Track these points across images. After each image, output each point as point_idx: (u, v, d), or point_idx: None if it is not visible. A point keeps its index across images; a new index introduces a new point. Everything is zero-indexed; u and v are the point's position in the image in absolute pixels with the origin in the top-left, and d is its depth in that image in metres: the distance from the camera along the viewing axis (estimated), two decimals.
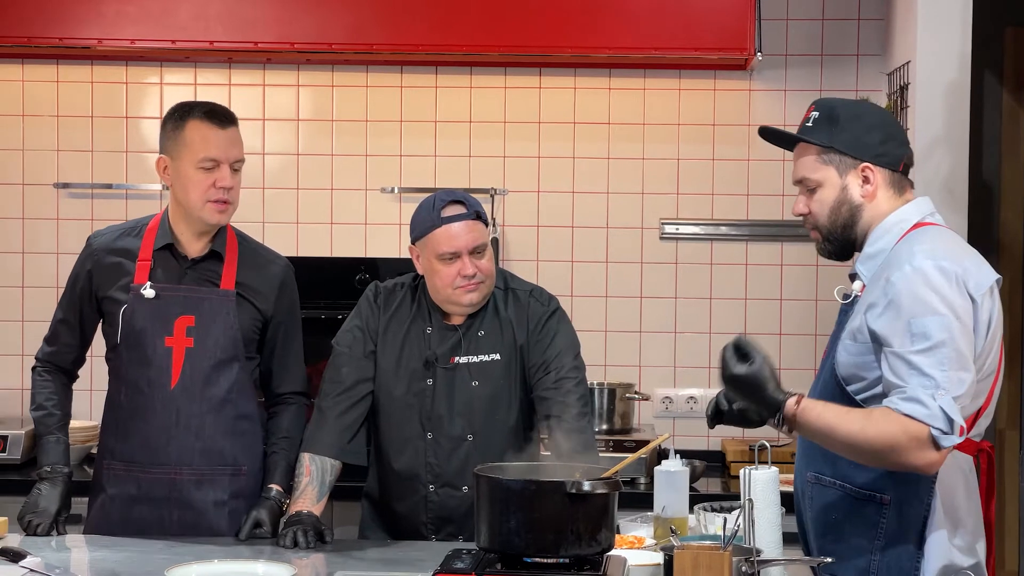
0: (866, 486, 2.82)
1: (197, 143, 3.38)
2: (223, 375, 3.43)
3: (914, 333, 2.69)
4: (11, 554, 3.08)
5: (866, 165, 2.86)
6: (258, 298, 3.50)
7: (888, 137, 2.90)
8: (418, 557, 3.18)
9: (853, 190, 2.87)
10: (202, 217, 3.41)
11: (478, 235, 3.42)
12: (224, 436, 3.45)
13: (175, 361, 3.40)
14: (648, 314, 4.83)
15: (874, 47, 4.71)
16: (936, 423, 2.63)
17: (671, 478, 3.16)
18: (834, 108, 2.91)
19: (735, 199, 4.79)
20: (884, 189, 2.88)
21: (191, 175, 3.38)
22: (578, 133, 4.81)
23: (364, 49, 4.54)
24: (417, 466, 3.48)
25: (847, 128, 2.87)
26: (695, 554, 2.59)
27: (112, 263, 3.46)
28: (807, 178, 2.91)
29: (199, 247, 3.46)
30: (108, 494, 3.45)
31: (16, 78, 4.85)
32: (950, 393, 2.65)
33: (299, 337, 3.60)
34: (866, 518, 2.82)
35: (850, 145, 2.87)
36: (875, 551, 2.81)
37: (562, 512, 2.66)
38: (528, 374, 3.48)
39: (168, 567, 2.96)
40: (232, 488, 3.46)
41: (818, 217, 2.91)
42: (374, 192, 4.84)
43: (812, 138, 2.89)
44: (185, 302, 3.43)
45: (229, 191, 3.41)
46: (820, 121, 2.90)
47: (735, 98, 4.77)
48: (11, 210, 4.87)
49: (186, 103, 3.48)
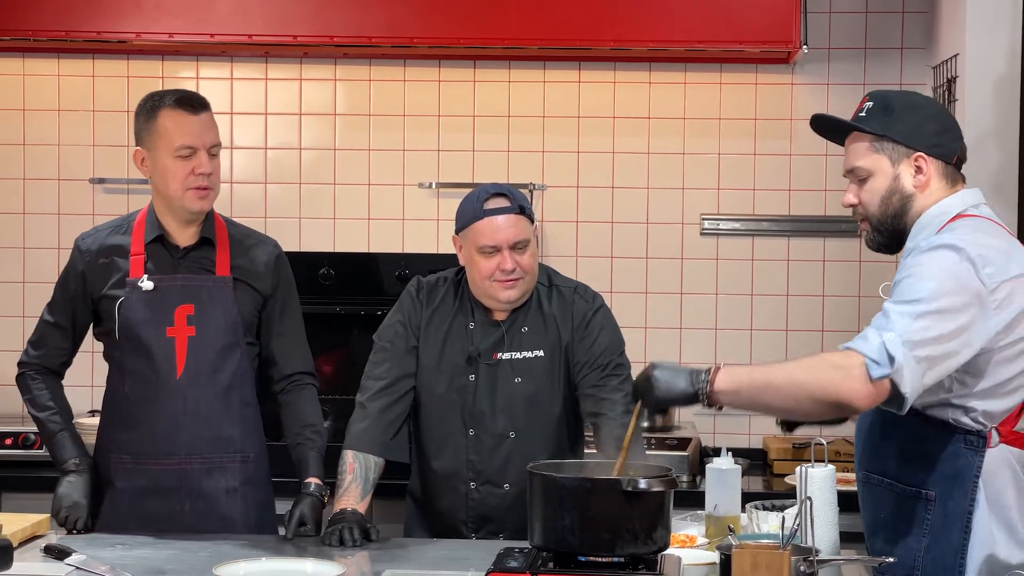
0: (912, 483, 2.78)
1: (171, 132, 3.35)
2: (227, 361, 3.42)
3: (902, 290, 2.66)
4: (56, 552, 3.05)
5: (919, 155, 2.81)
6: (254, 279, 3.48)
7: (944, 129, 2.85)
8: (465, 556, 3.14)
9: (905, 179, 2.82)
10: (184, 205, 3.38)
11: (520, 230, 3.37)
12: (232, 423, 3.43)
13: (179, 350, 3.38)
14: (688, 310, 4.78)
15: (918, 40, 4.65)
16: (871, 353, 2.58)
17: (723, 476, 3.12)
18: (889, 98, 2.86)
19: (777, 194, 4.74)
20: (936, 180, 2.83)
21: (168, 164, 3.35)
22: (618, 128, 4.76)
23: (403, 42, 4.50)
24: (458, 463, 3.44)
25: (902, 118, 2.82)
26: (754, 554, 2.55)
27: (104, 262, 3.44)
28: (858, 167, 2.85)
29: (189, 236, 3.44)
30: (117, 488, 3.42)
31: (52, 73, 4.83)
32: (903, 337, 2.59)
33: (299, 317, 3.57)
34: (913, 515, 2.78)
35: (904, 134, 2.82)
36: (921, 548, 2.78)
37: (618, 510, 2.62)
38: (572, 371, 3.44)
39: (214, 565, 2.93)
40: (242, 475, 3.44)
41: (868, 207, 2.85)
42: (411, 187, 4.80)
43: (867, 126, 2.84)
44: (183, 291, 3.41)
45: (208, 176, 3.38)
46: (874, 111, 2.84)
47: (777, 92, 4.72)
48: (47, 205, 4.86)
49: (156, 92, 3.45)
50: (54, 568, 2.99)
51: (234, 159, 4.81)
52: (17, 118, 4.85)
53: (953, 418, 2.74)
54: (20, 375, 3.53)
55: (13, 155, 4.85)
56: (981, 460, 2.74)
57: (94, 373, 4.34)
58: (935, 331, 2.61)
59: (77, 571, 2.96)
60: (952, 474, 2.74)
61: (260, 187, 4.84)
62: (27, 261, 4.86)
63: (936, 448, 2.76)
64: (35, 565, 3.01)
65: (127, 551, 3.15)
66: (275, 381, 3.54)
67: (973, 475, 2.74)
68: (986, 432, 2.74)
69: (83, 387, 4.32)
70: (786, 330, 4.72)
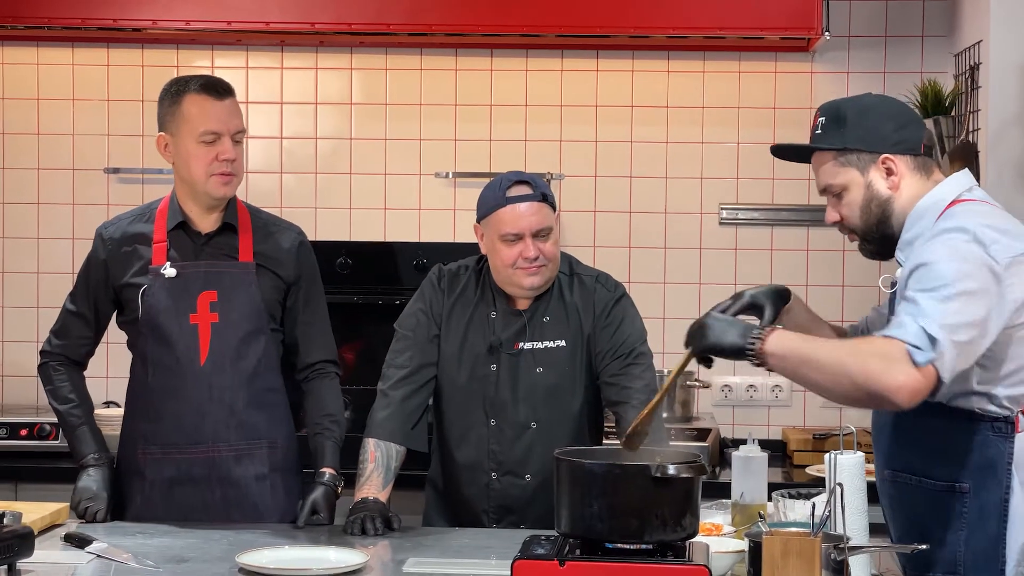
0: (943, 477, 2.74)
1: (196, 117, 3.33)
2: (251, 348, 3.39)
3: (921, 277, 2.62)
4: (77, 540, 3.03)
5: (885, 156, 2.77)
6: (278, 266, 3.45)
7: (902, 123, 2.80)
8: (487, 544, 3.12)
9: (879, 185, 2.77)
10: (207, 191, 3.35)
11: (543, 217, 3.35)
12: (258, 410, 3.41)
13: (202, 337, 3.36)
14: (707, 300, 4.71)
15: (940, 28, 4.62)
16: (911, 339, 2.53)
17: (749, 464, 3.09)
18: (839, 109, 2.82)
19: (796, 184, 4.71)
20: (909, 176, 2.78)
21: (192, 150, 3.33)
22: (636, 117, 4.74)
23: (420, 30, 4.47)
24: (480, 454, 3.42)
25: (857, 124, 2.77)
26: (785, 541, 2.51)
27: (127, 250, 3.42)
28: (831, 184, 2.82)
29: (211, 222, 3.42)
30: (148, 480, 3.41)
31: (67, 62, 4.80)
32: (937, 321, 2.54)
33: (323, 305, 3.54)
34: (949, 510, 2.74)
35: (864, 140, 2.77)
36: (960, 542, 2.73)
37: (647, 496, 2.58)
38: (595, 361, 3.41)
39: (236, 553, 2.90)
40: (271, 462, 3.42)
41: (850, 220, 2.82)
42: (428, 177, 4.78)
43: (824, 144, 2.80)
44: (206, 278, 3.39)
45: (232, 163, 3.36)
46: (828, 125, 2.81)
47: (796, 81, 4.69)
48: (61, 195, 4.83)
49: (181, 78, 3.42)
50: (75, 556, 2.97)
51: (249, 149, 4.78)
52: (32, 107, 4.82)
53: (979, 407, 2.71)
54: (42, 364, 3.50)
55: (27, 145, 4.83)
56: (1011, 446, 2.70)
57: (109, 364, 4.33)
58: (968, 314, 2.57)
59: (98, 559, 2.95)
60: (984, 464, 2.70)
61: (276, 177, 4.82)
62: (41, 251, 4.84)
63: (964, 440, 2.72)
64: (56, 553, 3.00)
65: (148, 539, 3.13)
66: (298, 370, 3.52)
67: (1006, 462, 2.70)
68: (1013, 417, 2.70)
69: (99, 378, 4.28)
70: None
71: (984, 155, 4.01)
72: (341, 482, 3.38)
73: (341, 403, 3.51)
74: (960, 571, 2.73)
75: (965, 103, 4.22)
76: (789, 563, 2.49)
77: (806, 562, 2.50)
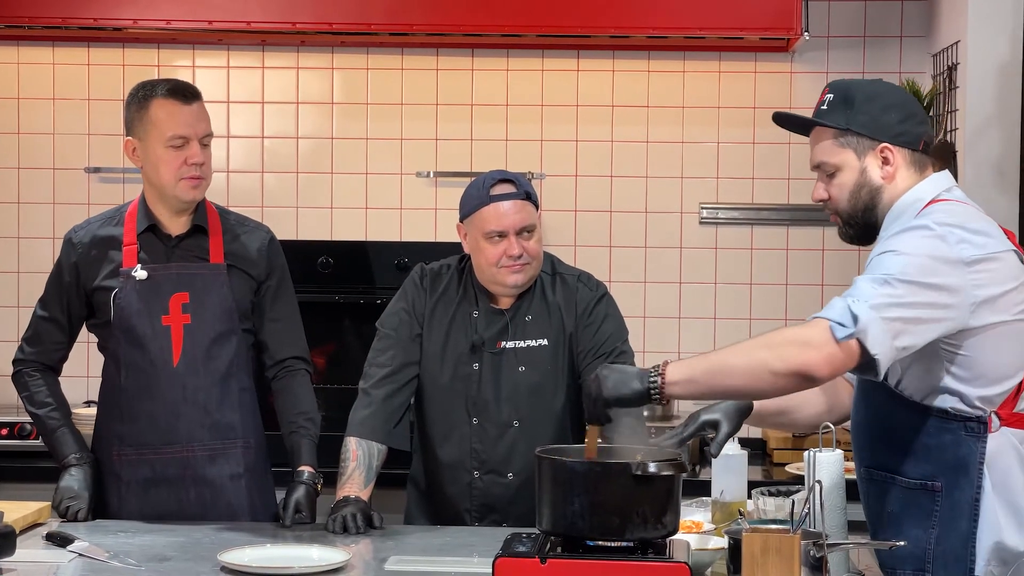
0: (917, 476, 2.75)
1: (164, 121, 3.34)
2: (223, 348, 3.41)
3: (872, 267, 2.64)
4: (58, 539, 3.03)
5: (885, 146, 2.77)
6: (248, 265, 3.46)
7: (907, 116, 2.80)
8: (469, 542, 3.13)
9: (873, 172, 2.78)
10: (176, 195, 3.37)
11: (526, 215, 3.36)
12: (231, 410, 3.42)
13: (175, 338, 3.37)
14: (687, 300, 4.77)
15: (918, 28, 4.65)
16: (835, 316, 2.56)
17: (729, 462, 3.11)
18: (849, 89, 2.81)
19: (776, 183, 4.73)
20: (904, 169, 2.79)
21: (160, 154, 3.34)
22: (616, 116, 4.75)
23: (401, 29, 4.48)
24: (462, 453, 3.43)
25: (864, 109, 2.77)
26: (764, 538, 2.52)
27: (97, 254, 3.42)
28: (825, 162, 2.82)
29: (181, 224, 3.43)
30: (123, 481, 3.41)
31: (47, 61, 4.79)
32: (867, 300, 2.56)
33: (293, 302, 3.55)
34: (921, 508, 2.75)
35: (868, 126, 2.77)
36: (930, 539, 2.75)
37: (628, 494, 2.59)
38: (577, 360, 3.42)
39: (218, 551, 2.91)
40: (245, 461, 3.43)
41: (838, 202, 2.82)
42: (409, 176, 4.78)
43: (828, 121, 2.80)
44: (177, 279, 3.40)
45: (201, 166, 3.37)
46: (835, 103, 2.80)
47: (776, 81, 4.71)
48: (42, 195, 4.83)
49: (148, 82, 3.43)
50: (56, 555, 2.97)
51: (231, 148, 4.78)
52: (12, 107, 4.81)
53: (951, 407, 2.72)
54: (16, 373, 3.50)
55: (8, 144, 4.82)
56: (984, 446, 2.72)
57: (89, 364, 4.31)
58: (907, 297, 2.59)
59: (79, 558, 2.95)
60: (956, 463, 2.72)
61: (257, 176, 4.82)
62: (22, 251, 4.83)
63: (937, 439, 2.74)
64: (37, 552, 3.00)
65: (129, 538, 3.13)
66: (268, 367, 3.52)
67: (977, 462, 2.71)
68: (986, 417, 2.72)
69: (79, 378, 4.28)
70: (785, 319, 4.71)
71: (962, 155, 4.03)
72: (321, 480, 3.39)
73: (314, 400, 3.51)
74: (928, 568, 2.75)
75: (943, 103, 4.25)
76: (768, 560, 2.51)
77: (785, 559, 2.51)
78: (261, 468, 3.50)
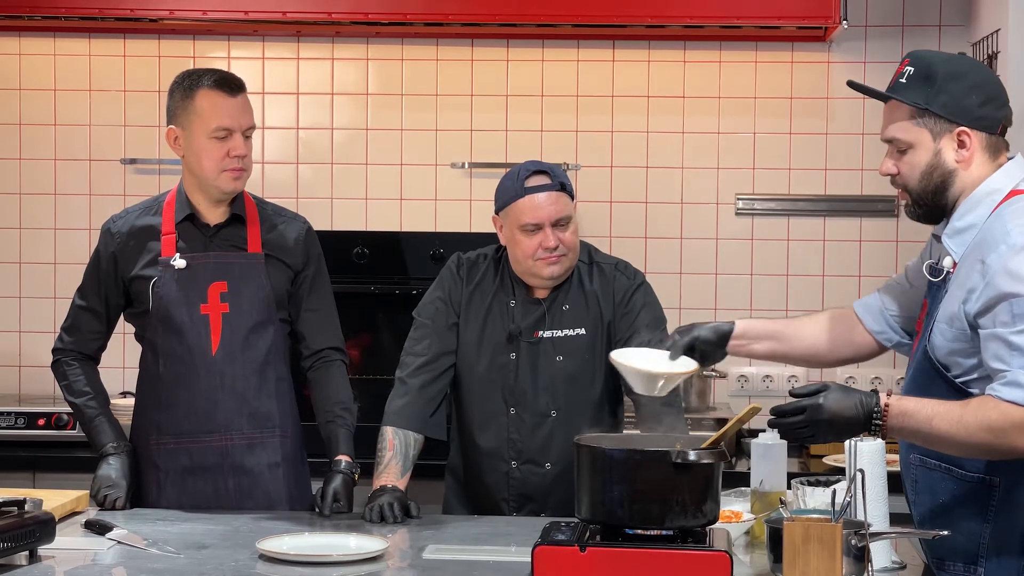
0: (975, 468, 2.70)
1: (208, 112, 3.33)
2: (261, 338, 3.41)
3: (1015, 313, 2.56)
4: (97, 526, 3.04)
5: (963, 129, 2.70)
6: (286, 255, 3.47)
7: (988, 99, 2.72)
8: (507, 531, 3.13)
9: (947, 155, 2.71)
10: (218, 186, 3.37)
11: (561, 207, 3.35)
12: (269, 398, 3.42)
13: (213, 327, 3.38)
14: (723, 291, 4.74)
15: (957, 17, 4.61)
16: None
17: (768, 451, 3.08)
18: (931, 65, 2.72)
19: (813, 174, 4.70)
20: (980, 154, 2.72)
21: (204, 145, 3.34)
22: (652, 107, 4.73)
23: (437, 19, 4.47)
24: (499, 442, 3.42)
25: (945, 88, 2.69)
26: (806, 526, 2.50)
27: (135, 243, 3.43)
28: (898, 139, 2.74)
29: (219, 214, 3.44)
30: (161, 470, 3.42)
31: (83, 52, 4.81)
32: None
33: (329, 293, 3.55)
34: (976, 501, 2.71)
35: (948, 108, 2.69)
36: (984, 534, 2.70)
37: (668, 482, 2.58)
38: (615, 348, 3.39)
39: (256, 539, 2.91)
40: (283, 450, 3.43)
41: (908, 180, 2.75)
42: (444, 167, 4.77)
43: (907, 97, 2.71)
44: (216, 268, 3.40)
45: (243, 159, 3.37)
46: (915, 78, 2.72)
47: (813, 70, 4.68)
48: (78, 186, 4.84)
49: (193, 71, 3.43)
50: (95, 542, 2.98)
51: (266, 139, 4.79)
52: (48, 98, 4.83)
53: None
54: (55, 362, 3.51)
55: (44, 135, 4.84)
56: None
57: (126, 354, 4.32)
58: None
59: (118, 545, 2.96)
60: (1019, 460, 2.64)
61: (292, 167, 4.82)
62: (58, 242, 4.85)
63: None
64: (76, 540, 3.01)
65: (168, 526, 3.14)
66: (304, 357, 3.53)
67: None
68: None
69: (115, 368, 4.29)
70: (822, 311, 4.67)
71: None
72: (358, 469, 3.39)
73: (351, 390, 3.51)
74: (981, 563, 2.71)
75: None
76: (810, 549, 2.49)
77: (827, 548, 2.49)
78: (298, 457, 3.50)
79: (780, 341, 3.10)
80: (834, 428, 2.63)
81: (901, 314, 3.03)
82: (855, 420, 2.62)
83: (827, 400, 2.62)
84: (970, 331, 2.66)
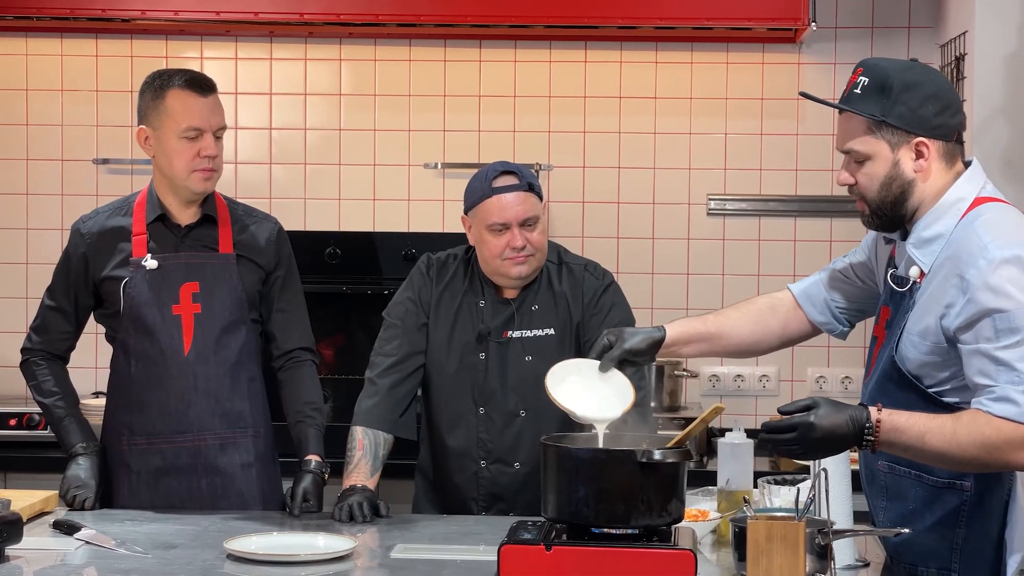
0: (945, 474, 2.69)
1: (179, 112, 3.34)
2: (233, 338, 3.42)
3: (999, 329, 2.56)
4: (66, 527, 3.04)
5: (921, 140, 2.68)
6: (257, 255, 3.48)
7: (944, 107, 2.70)
8: (475, 530, 3.14)
9: (906, 165, 2.69)
10: (188, 186, 3.38)
11: (529, 207, 3.36)
12: (241, 399, 3.43)
13: (185, 327, 3.38)
14: (695, 291, 4.76)
15: (926, 19, 4.63)
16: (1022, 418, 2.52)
17: (735, 450, 3.10)
18: (887, 75, 2.68)
19: (784, 174, 4.73)
20: (937, 162, 2.70)
21: (174, 145, 3.34)
22: (624, 108, 4.75)
23: (410, 20, 4.48)
24: (469, 442, 3.43)
25: (901, 99, 2.66)
26: (769, 525, 2.53)
27: (106, 244, 3.43)
28: (856, 151, 2.72)
29: (190, 214, 3.44)
30: (133, 471, 3.42)
31: (55, 52, 4.80)
32: None
33: (300, 293, 3.56)
34: (946, 507, 2.71)
35: (905, 119, 2.67)
36: (957, 539, 2.71)
37: (633, 481, 2.59)
38: (584, 349, 3.41)
39: (225, 539, 2.91)
40: (255, 450, 3.44)
41: (866, 191, 2.72)
42: (417, 167, 4.78)
43: (863, 109, 2.68)
44: (187, 269, 3.40)
45: (214, 159, 3.37)
46: (870, 89, 2.68)
47: (784, 71, 4.70)
48: (50, 186, 4.83)
49: (164, 71, 3.43)
50: (63, 543, 2.98)
51: (239, 140, 4.79)
52: (20, 98, 4.82)
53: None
54: (24, 362, 3.51)
55: (16, 135, 4.83)
56: None
57: (98, 355, 4.32)
58: None
59: (86, 545, 2.96)
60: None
61: (265, 168, 4.83)
62: (30, 242, 4.84)
63: None
64: (44, 540, 3.01)
65: (136, 526, 3.14)
66: (274, 358, 3.54)
67: None
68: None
69: (87, 369, 4.29)
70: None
71: (969, 145, 4.01)
72: (328, 469, 3.40)
73: (321, 391, 3.53)
74: (955, 568, 2.72)
75: None
76: (774, 547, 2.51)
77: (790, 546, 2.51)
78: (271, 457, 3.51)
79: (710, 342, 3.11)
80: (825, 445, 2.61)
81: (849, 307, 3.08)
82: (847, 437, 2.60)
83: (818, 418, 2.58)
84: (947, 345, 2.65)
